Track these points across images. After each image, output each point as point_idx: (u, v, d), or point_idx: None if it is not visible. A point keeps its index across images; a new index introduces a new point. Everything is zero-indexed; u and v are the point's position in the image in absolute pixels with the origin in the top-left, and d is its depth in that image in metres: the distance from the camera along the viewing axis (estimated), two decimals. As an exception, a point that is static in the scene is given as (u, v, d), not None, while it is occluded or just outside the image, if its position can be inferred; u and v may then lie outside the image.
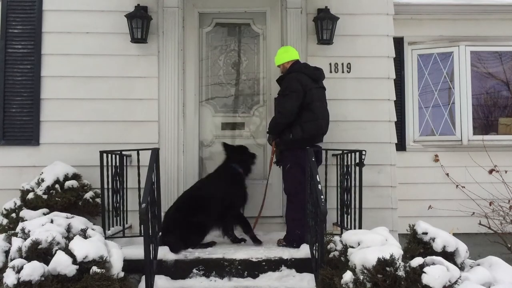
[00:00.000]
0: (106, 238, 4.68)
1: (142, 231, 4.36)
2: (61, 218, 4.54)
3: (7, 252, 4.37)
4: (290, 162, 5.22)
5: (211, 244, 5.17)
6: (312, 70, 5.32)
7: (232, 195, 5.26)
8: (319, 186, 4.47)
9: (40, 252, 3.99)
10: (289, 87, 5.17)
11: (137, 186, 5.19)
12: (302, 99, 5.10)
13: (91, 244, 4.04)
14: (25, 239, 4.14)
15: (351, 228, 4.99)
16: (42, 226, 4.30)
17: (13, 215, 5.13)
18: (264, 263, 4.66)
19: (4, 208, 5.23)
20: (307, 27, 5.96)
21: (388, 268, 3.72)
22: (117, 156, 5.25)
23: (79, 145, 5.67)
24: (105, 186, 5.07)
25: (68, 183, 5.30)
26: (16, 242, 4.13)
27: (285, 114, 5.16)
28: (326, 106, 5.36)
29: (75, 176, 5.43)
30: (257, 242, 5.25)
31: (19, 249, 4.04)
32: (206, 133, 6.12)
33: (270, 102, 5.97)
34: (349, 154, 5.16)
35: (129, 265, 4.31)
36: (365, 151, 5.07)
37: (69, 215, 4.71)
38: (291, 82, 5.19)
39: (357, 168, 5.08)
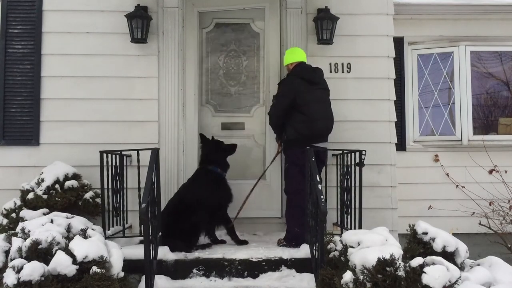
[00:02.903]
0: (106, 238, 4.67)
1: (142, 231, 4.36)
2: (61, 218, 4.54)
3: (7, 252, 4.37)
4: (289, 161, 5.30)
5: (208, 245, 5.15)
6: (310, 73, 5.36)
7: (215, 197, 5.22)
8: (319, 186, 4.47)
9: (40, 252, 3.99)
10: (280, 91, 5.36)
11: (137, 186, 5.18)
12: (290, 102, 5.20)
13: (91, 244, 4.03)
14: (25, 239, 4.14)
15: (351, 228, 4.99)
16: (42, 226, 4.30)
17: (13, 215, 5.13)
18: (264, 263, 4.66)
19: (4, 208, 5.22)
20: (307, 27, 5.96)
21: (388, 268, 3.72)
22: (117, 156, 5.24)
23: (79, 145, 5.67)
24: (105, 186, 5.07)
25: (68, 183, 5.29)
26: (16, 242, 4.13)
27: (272, 117, 5.40)
28: (328, 107, 5.38)
29: (75, 176, 5.43)
30: (241, 243, 5.22)
31: (19, 249, 4.04)
32: (206, 133, 6.10)
33: (270, 102, 5.96)
34: (349, 154, 5.16)
35: (129, 265, 4.30)
36: (365, 151, 5.07)
37: (69, 215, 4.71)
38: (282, 86, 5.39)
39: (357, 168, 5.09)
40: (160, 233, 4.91)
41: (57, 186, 5.23)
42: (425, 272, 3.70)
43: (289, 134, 5.26)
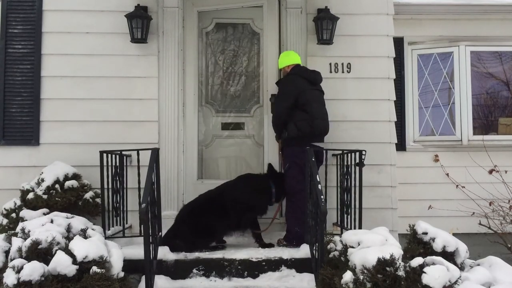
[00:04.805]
0: (106, 238, 4.68)
1: (142, 231, 4.36)
2: (61, 218, 4.54)
3: (7, 252, 4.37)
4: (289, 161, 5.31)
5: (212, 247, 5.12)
6: (309, 73, 5.47)
7: (258, 204, 5.22)
8: (319, 186, 4.47)
9: (40, 252, 3.99)
10: (282, 89, 5.42)
11: (137, 186, 5.18)
12: (294, 100, 5.25)
13: (91, 244, 4.03)
14: (25, 239, 4.14)
15: (351, 228, 4.99)
16: (42, 226, 4.30)
17: (13, 215, 5.12)
18: (264, 263, 4.66)
19: (4, 208, 5.22)
20: (307, 27, 5.96)
21: (388, 268, 3.72)
22: (117, 156, 5.24)
23: (79, 145, 5.66)
24: (105, 186, 5.07)
25: (68, 183, 5.29)
26: (16, 242, 4.13)
27: (275, 115, 5.44)
28: (325, 109, 5.43)
29: (75, 176, 5.42)
30: (267, 246, 5.15)
31: (19, 249, 4.04)
32: (206, 133, 6.12)
33: (268, 102, 5.96)
34: (349, 154, 5.17)
35: (129, 265, 4.30)
36: (365, 151, 5.07)
37: (69, 215, 4.71)
38: (284, 85, 5.42)
39: (357, 168, 5.09)
40: (160, 233, 4.92)
41: (57, 186, 5.23)
42: (425, 272, 3.69)
43: (291, 132, 5.28)
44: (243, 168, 6.03)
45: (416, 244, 4.47)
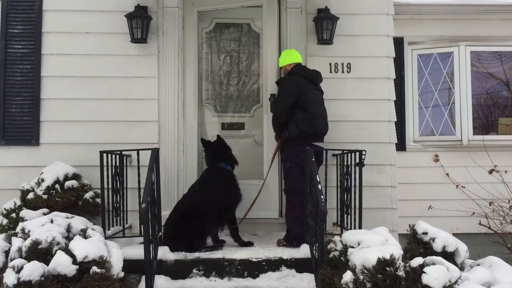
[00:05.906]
0: (106, 238, 4.67)
1: (142, 231, 4.36)
2: (61, 218, 4.54)
3: (7, 252, 4.36)
4: (290, 162, 5.30)
5: (215, 247, 5.06)
6: (310, 73, 5.46)
7: (225, 197, 5.14)
8: (319, 186, 4.47)
9: (40, 252, 3.98)
10: (283, 89, 5.40)
11: (137, 186, 5.18)
12: (295, 100, 5.24)
13: (91, 244, 4.03)
14: (25, 239, 4.14)
15: (351, 228, 4.99)
16: (42, 226, 4.30)
17: (13, 215, 5.13)
18: (264, 263, 4.66)
19: (4, 208, 5.22)
20: (307, 27, 5.96)
21: (388, 268, 3.72)
22: (117, 156, 5.24)
23: (79, 145, 5.66)
24: (105, 186, 5.06)
25: (68, 183, 5.29)
26: (16, 242, 4.12)
27: (275, 114, 5.43)
28: (324, 108, 5.43)
29: (75, 176, 5.42)
30: (245, 244, 5.12)
31: (19, 249, 4.04)
32: (206, 133, 6.12)
33: (269, 102, 5.96)
34: (349, 154, 5.17)
35: (129, 265, 4.30)
36: (365, 151, 5.07)
37: (69, 215, 4.70)
38: (286, 84, 5.41)
39: (357, 168, 5.09)
40: (160, 233, 4.91)
41: (57, 186, 5.23)
42: (425, 272, 3.69)
43: (291, 132, 5.26)
44: (242, 168, 6.01)
45: (416, 244, 4.47)
